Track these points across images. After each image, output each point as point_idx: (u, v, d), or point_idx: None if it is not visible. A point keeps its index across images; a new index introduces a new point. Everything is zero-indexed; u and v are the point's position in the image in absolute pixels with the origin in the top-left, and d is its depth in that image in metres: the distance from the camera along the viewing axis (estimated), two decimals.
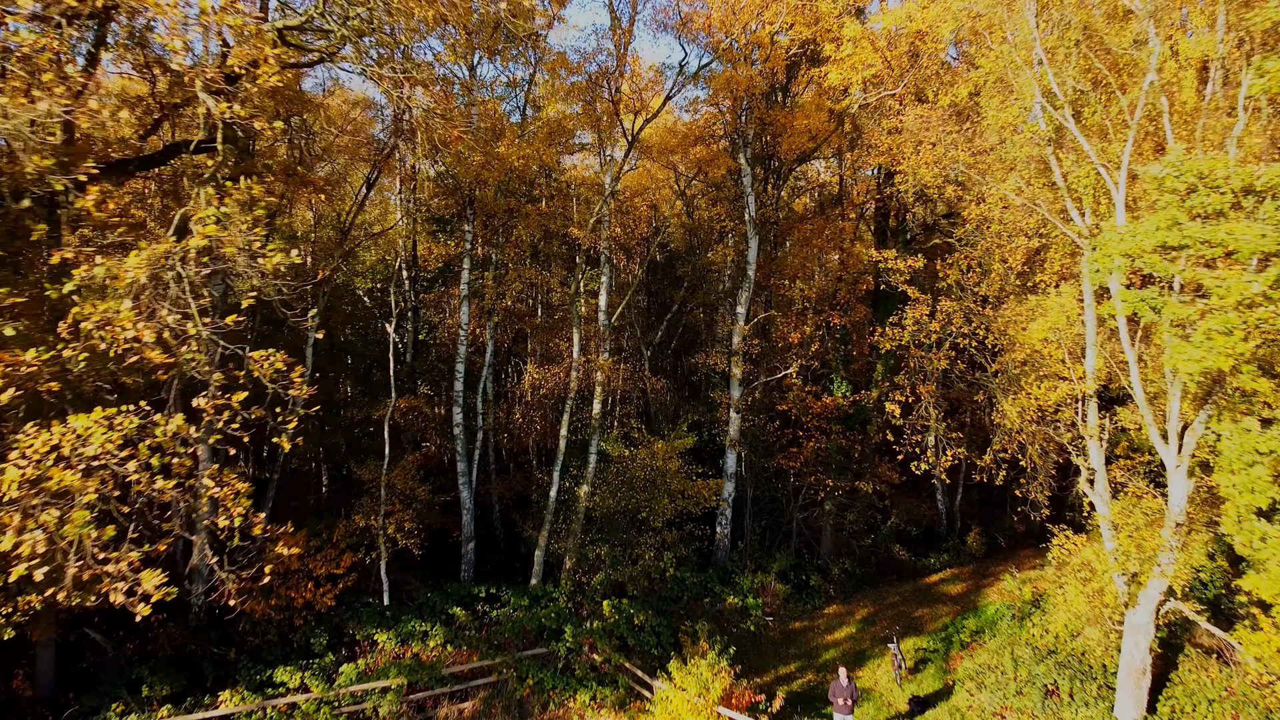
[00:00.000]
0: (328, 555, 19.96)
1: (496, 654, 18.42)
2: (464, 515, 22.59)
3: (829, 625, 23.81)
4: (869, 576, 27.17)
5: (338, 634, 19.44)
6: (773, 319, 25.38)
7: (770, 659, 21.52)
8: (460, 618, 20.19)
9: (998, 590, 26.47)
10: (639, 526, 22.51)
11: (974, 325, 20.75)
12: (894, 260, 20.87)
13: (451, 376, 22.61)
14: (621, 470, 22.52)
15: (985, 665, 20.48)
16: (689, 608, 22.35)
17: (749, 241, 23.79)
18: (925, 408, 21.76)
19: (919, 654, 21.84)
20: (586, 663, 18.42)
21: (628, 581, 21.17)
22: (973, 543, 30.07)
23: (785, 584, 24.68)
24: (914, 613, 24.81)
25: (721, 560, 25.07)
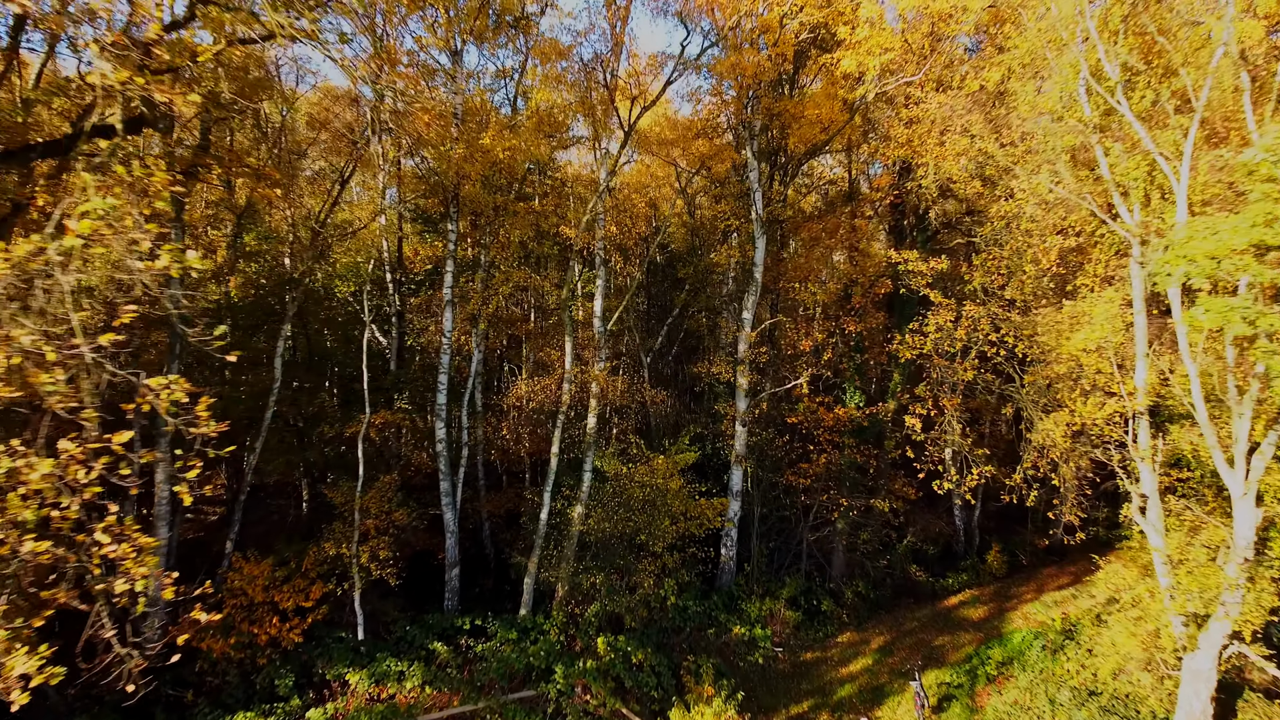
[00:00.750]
0: (296, 586, 18.19)
1: (480, 697, 16.65)
2: (447, 539, 20.83)
3: (843, 656, 22.03)
4: (884, 600, 25.39)
5: (306, 674, 17.66)
6: (781, 325, 23.62)
7: (780, 696, 19.75)
8: (441, 654, 18.41)
9: (1022, 615, 24.69)
10: (637, 551, 20.75)
11: (1003, 333, 18.98)
12: (915, 262, 19.11)
13: (434, 388, 20.84)
14: (618, 490, 20.75)
15: (1017, 705, 18.72)
16: (692, 640, 20.58)
17: (755, 241, 22.03)
18: (948, 422, 19.99)
19: (942, 689, 20.06)
20: (579, 707, 16.65)
21: (625, 612, 19.39)
22: (993, 561, 28.28)
23: (795, 610, 22.91)
24: (934, 640, 23.03)
25: (726, 585, 23.30)
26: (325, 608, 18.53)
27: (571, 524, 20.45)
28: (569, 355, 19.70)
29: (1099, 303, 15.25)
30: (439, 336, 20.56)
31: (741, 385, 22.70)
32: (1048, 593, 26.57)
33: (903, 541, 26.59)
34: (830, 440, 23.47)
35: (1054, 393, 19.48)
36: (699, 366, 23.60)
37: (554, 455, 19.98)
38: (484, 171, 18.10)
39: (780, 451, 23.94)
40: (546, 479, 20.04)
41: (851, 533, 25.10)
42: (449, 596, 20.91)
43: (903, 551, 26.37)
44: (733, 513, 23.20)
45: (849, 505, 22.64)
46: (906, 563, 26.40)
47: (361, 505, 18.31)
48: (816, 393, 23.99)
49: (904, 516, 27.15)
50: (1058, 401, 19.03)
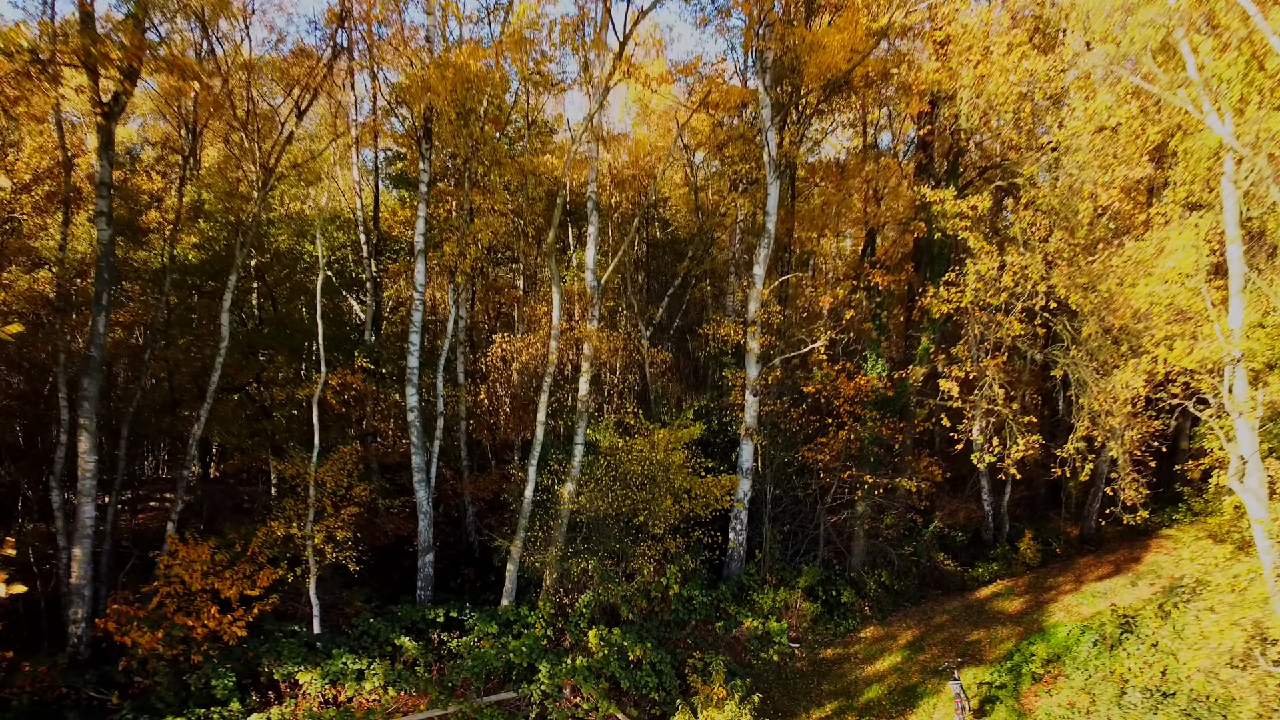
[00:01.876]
0: (241, 571, 15.74)
1: (451, 699, 14.20)
2: (420, 520, 18.37)
3: (867, 653, 19.57)
4: (909, 591, 22.92)
5: (250, 672, 15.22)
6: (796, 283, 21.15)
7: (799, 698, 17.30)
8: (409, 650, 15.96)
9: (1063, 607, 22.22)
10: (635, 534, 18.30)
11: (1053, 282, 16.49)
12: (951, 202, 16.62)
13: (404, 351, 18.38)
14: (614, 465, 18.29)
15: (1073, 707, 16.26)
16: (697, 634, 18.12)
17: (768, 188, 19.55)
18: (989, 385, 17.51)
19: (982, 690, 17.61)
20: (567, 711, 14.19)
21: (621, 603, 16.93)
22: (1026, 550, 25.79)
23: (813, 602, 20.44)
24: (968, 636, 20.57)
25: (735, 574, 20.84)
26: (275, 597, 16.09)
27: (561, 503, 17.99)
28: (556, 309, 17.23)
29: (1184, 229, 12.78)
30: (411, 292, 18.09)
31: (752, 349, 20.22)
32: (1088, 583, 24.11)
33: (929, 527, 24.10)
34: (850, 413, 20.99)
35: (1117, 349, 17.02)
36: (705, 329, 21.07)
37: (540, 423, 17.52)
38: (457, 94, 15.64)
39: (795, 424, 21.46)
40: (531, 450, 17.58)
41: (873, 516, 22.63)
42: (422, 586, 18.45)
43: (929, 538, 23.90)
44: (742, 492, 20.72)
45: (873, 483, 20.15)
46: (933, 550, 23.92)
47: (316, 478, 15.84)
48: (835, 359, 21.53)
49: (929, 500, 24.68)
50: (1125, 355, 16.57)
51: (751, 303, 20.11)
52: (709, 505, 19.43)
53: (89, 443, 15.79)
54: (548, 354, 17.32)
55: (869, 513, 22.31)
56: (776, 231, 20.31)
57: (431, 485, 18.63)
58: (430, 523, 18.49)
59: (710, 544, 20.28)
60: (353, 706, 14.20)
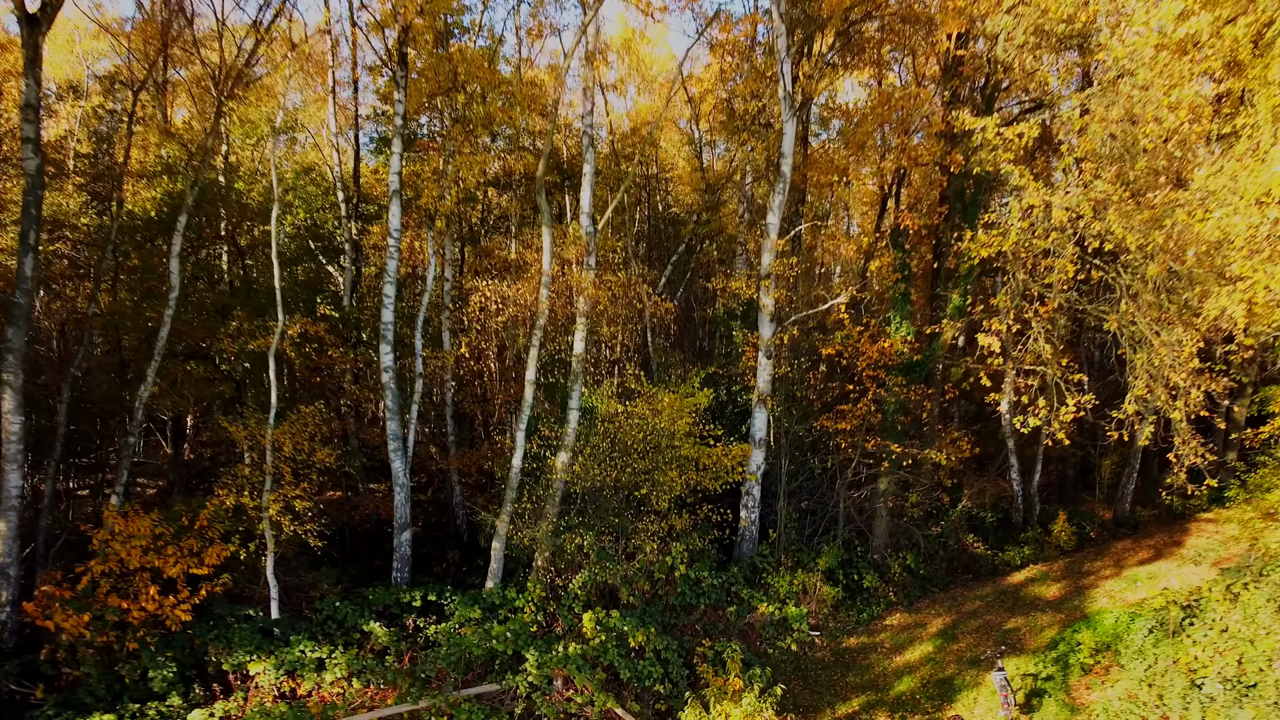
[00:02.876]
0: (187, 547, 13.79)
1: (423, 693, 12.25)
2: (396, 494, 16.42)
3: (895, 642, 17.63)
4: (937, 575, 20.97)
5: (196, 662, 13.29)
6: (814, 235, 19.17)
7: (823, 691, 15.36)
8: (378, 637, 14.02)
9: (1106, 593, 20.25)
10: (636, 508, 16.36)
11: (1110, 221, 14.51)
12: (993, 129, 14.61)
13: (379, 305, 16.43)
14: (612, 431, 16.34)
15: (1135, 700, 14.32)
16: (706, 620, 16.18)
17: (784, 126, 17.57)
18: (1035, 339, 15.54)
19: (1026, 682, 15.68)
20: (558, 706, 12.25)
21: (621, 584, 14.99)
22: (1059, 533, 23.82)
23: (833, 586, 18.50)
24: (1004, 623, 18.62)
25: (748, 555, 18.89)
26: (228, 577, 14.14)
27: (554, 473, 16.04)
28: (547, 253, 15.25)
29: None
30: (386, 239, 16.14)
31: (765, 306, 18.25)
32: (1129, 568, 22.14)
33: (958, 506, 22.13)
34: (873, 378, 19.02)
35: (1177, 299, 15.07)
36: (713, 282, 19.07)
37: (529, 382, 15.57)
38: (439, 5, 13.68)
39: (812, 392, 19.48)
40: (519, 414, 15.63)
41: (897, 494, 20.67)
42: (398, 567, 16.51)
43: (956, 518, 21.93)
44: (755, 465, 18.76)
45: (900, 453, 18.15)
46: (961, 531, 21.96)
47: (273, 441, 13.88)
48: (857, 320, 19.55)
49: (957, 478, 22.73)
50: (1189, 304, 14.63)
51: (765, 254, 18.13)
52: (718, 478, 17.50)
53: (13, 401, 13.84)
54: (538, 303, 15.36)
55: (892, 490, 20.35)
56: (793, 178, 18.32)
57: (409, 456, 16.69)
58: (407, 497, 16.54)
59: (720, 522, 18.32)
60: (309, 701, 12.25)
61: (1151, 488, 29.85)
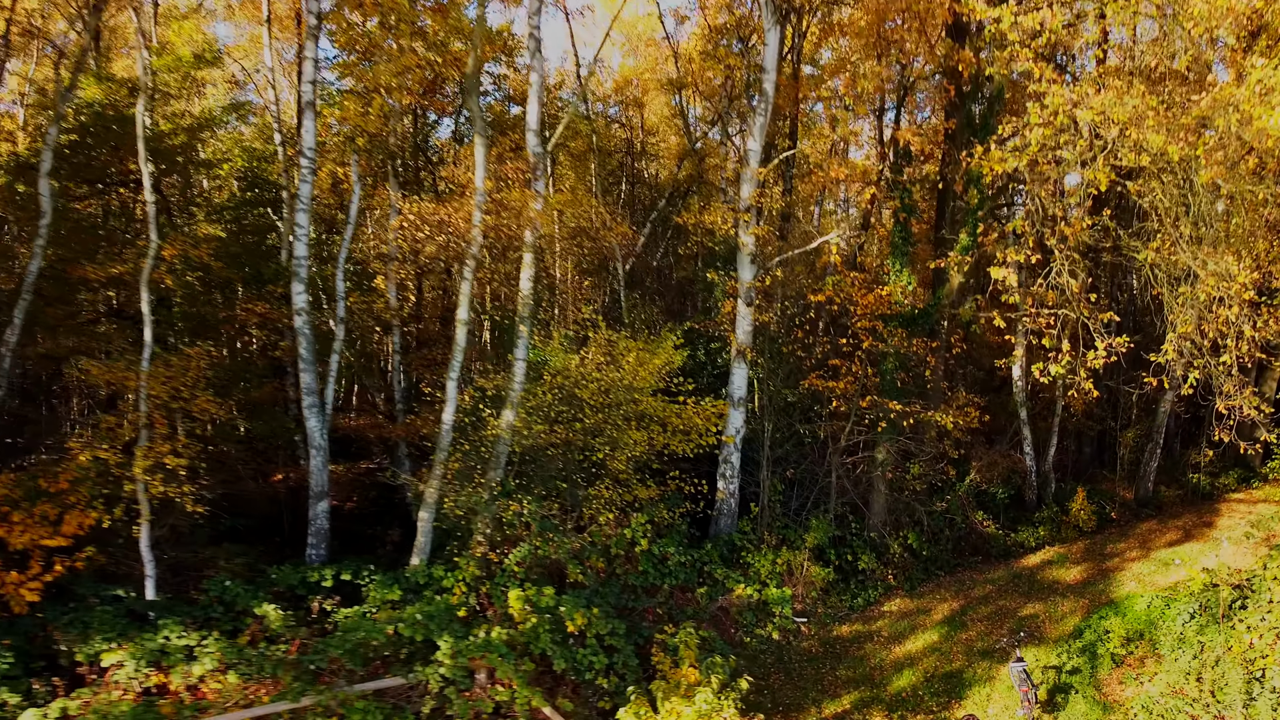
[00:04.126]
0: (41, 514, 11.45)
1: (310, 687, 9.92)
2: (312, 458, 14.09)
3: (894, 630, 15.26)
4: (942, 557, 18.60)
5: (45, 651, 10.97)
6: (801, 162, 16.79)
7: (807, 687, 12.99)
8: (271, 621, 11.68)
9: (1133, 576, 17.88)
10: (590, 474, 14.02)
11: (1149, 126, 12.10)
12: (1009, 19, 12.19)
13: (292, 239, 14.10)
14: (562, 383, 14.00)
15: (1181, 695, 11.97)
16: (672, 603, 13.82)
17: (765, 36, 15.20)
18: (1058, 272, 13.13)
19: (1048, 676, 13.32)
20: (472, 703, 9.91)
21: (568, 560, 12.62)
22: (1078, 511, 21.42)
23: (823, 566, 16.15)
24: (1020, 610, 16.25)
25: (726, 531, 16.54)
26: (93, 550, 11.80)
27: (498, 435, 13.67)
28: (481, 167, 12.87)
29: None
30: (299, 159, 13.77)
31: (745, 245, 15.87)
32: (1157, 550, 19.75)
33: (965, 479, 19.74)
34: (870, 330, 16.63)
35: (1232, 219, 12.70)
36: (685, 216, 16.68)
37: (460, 323, 13.22)
38: None
39: (799, 345, 17.09)
40: (450, 360, 13.29)
41: (897, 465, 18.30)
42: (313, 543, 14.18)
43: (963, 493, 19.53)
44: (734, 428, 16.39)
45: (900, 412, 15.75)
46: (969, 508, 19.57)
47: (143, 386, 11.54)
48: (851, 265, 17.17)
49: (963, 449, 20.33)
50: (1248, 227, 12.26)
51: (744, 185, 15.75)
52: (690, 440, 15.15)
53: None
54: (470, 231, 13.01)
55: (891, 460, 17.97)
56: (776, 99, 15.93)
57: (327, 415, 14.35)
58: (325, 462, 14.20)
59: (694, 494, 15.97)
60: (166, 698, 9.93)
61: (1175, 467, 27.47)
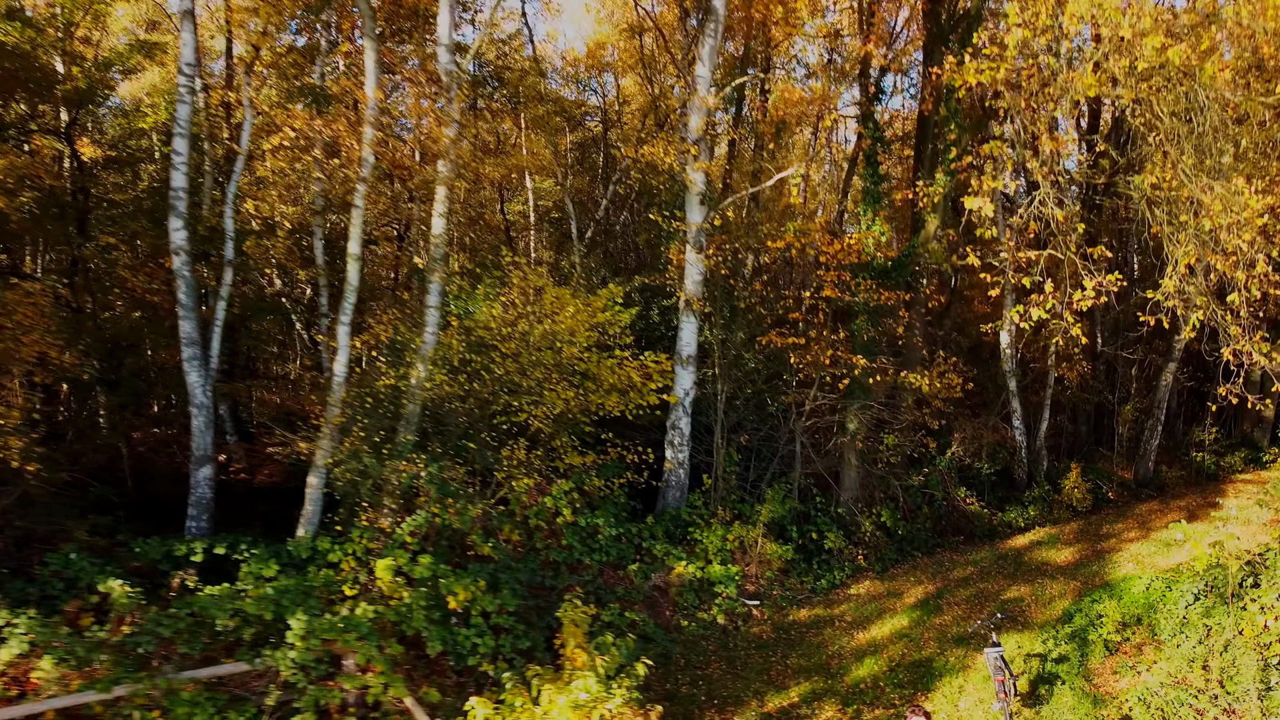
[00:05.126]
0: None
1: (133, 675, 8.21)
2: (194, 418, 12.38)
3: (860, 614, 13.51)
4: (919, 536, 16.87)
5: None
6: (758, 88, 15.04)
7: (750, 677, 11.25)
8: (117, 600, 9.93)
9: (1131, 558, 16.15)
10: (509, 435, 12.30)
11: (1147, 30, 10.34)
12: None
13: (168, 166, 12.37)
14: (474, 331, 12.28)
15: (1184, 685, 10.24)
16: (600, 582, 12.08)
17: None
18: (1041, 202, 11.38)
19: (1031, 665, 11.57)
20: (326, 694, 8.19)
21: (473, 530, 10.88)
22: (1072, 490, 19.69)
23: (782, 544, 14.40)
24: (1003, 592, 14.51)
25: (674, 504, 14.82)
26: None
27: (408, 392, 11.96)
28: (371, 75, 11.15)
29: None
30: (176, 76, 12.06)
31: (693, 183, 14.13)
32: (1158, 531, 18.01)
33: (947, 453, 17.99)
34: (837, 282, 14.88)
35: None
36: (625, 150, 14.93)
37: (351, 257, 11.51)
38: None
39: (756, 298, 15.35)
40: (342, 299, 11.58)
41: (870, 435, 16.55)
42: (194, 514, 12.48)
43: (944, 468, 17.78)
44: (683, 389, 14.64)
45: (867, 369, 14.00)
46: (951, 484, 17.82)
47: None
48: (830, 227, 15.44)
49: (945, 419, 18.59)
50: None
51: (692, 115, 14.01)
52: (629, 400, 13.43)
53: None
54: (359, 148, 11.29)
55: (864, 429, 16.22)
56: (727, 19, 14.19)
57: (210, 368, 12.63)
58: (209, 423, 12.48)
59: (639, 464, 14.24)
60: None
61: (1178, 447, 25.72)
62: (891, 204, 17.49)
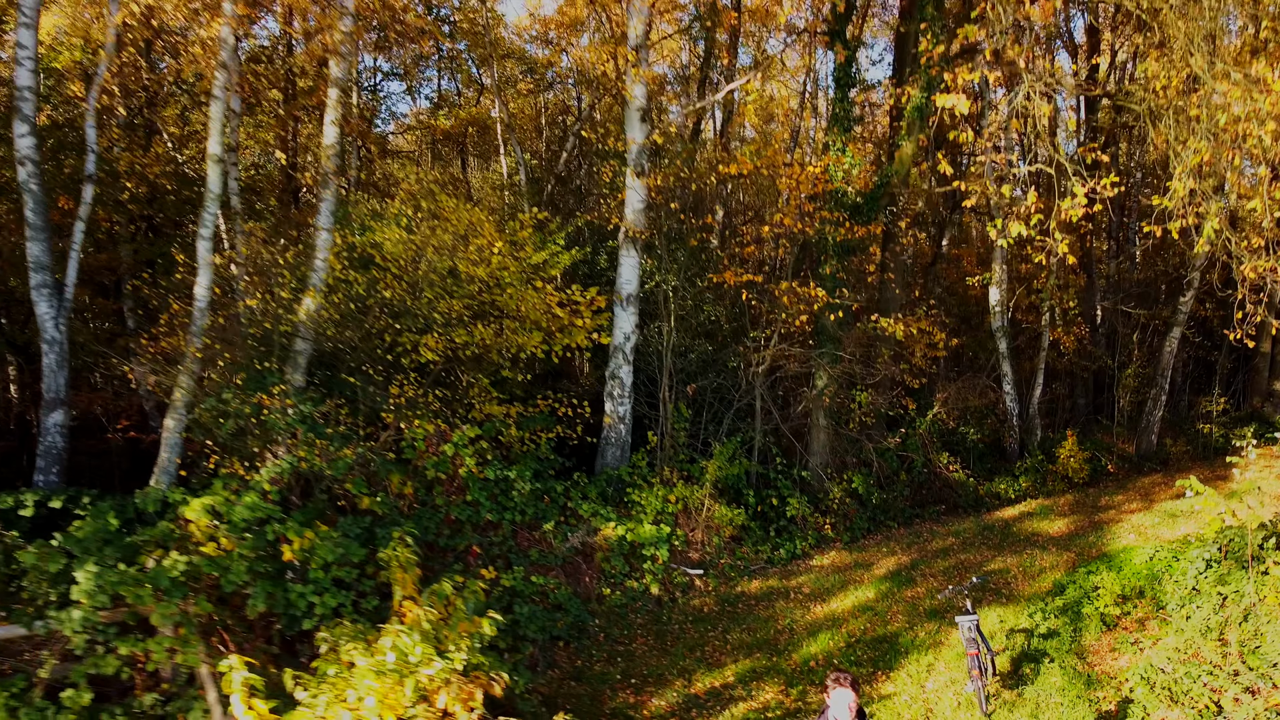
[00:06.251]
0: None
1: None
2: (45, 356, 10.67)
3: (820, 586, 11.76)
4: (895, 505, 15.12)
5: None
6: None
7: (682, 654, 9.49)
8: None
9: (1133, 529, 14.39)
10: (404, 372, 10.58)
11: None
12: None
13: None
14: (370, 258, 10.56)
15: (1196, 659, 8.48)
16: (514, 544, 10.33)
17: None
18: (1025, 93, 9.62)
19: (1014, 641, 9.82)
20: (99, 663, 6.45)
21: (348, 478, 9.14)
22: (1068, 459, 17.92)
23: (735, 508, 12.63)
24: (986, 564, 12.76)
25: (615, 464, 13.07)
26: None
27: (296, 326, 10.22)
28: None
29: None
30: None
31: (634, 96, 12.38)
32: (1162, 502, 16.25)
33: (928, 413, 16.24)
34: (800, 213, 13.11)
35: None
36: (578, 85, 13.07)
37: (212, 158, 9.76)
38: None
39: (706, 233, 13.58)
40: (202, 205, 9.86)
41: (841, 393, 14.80)
42: (43, 466, 10.75)
43: (925, 431, 16.02)
44: (623, 333, 12.88)
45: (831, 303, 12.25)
46: (932, 448, 16.06)
47: None
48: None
49: (926, 378, 16.84)
50: None
51: (632, 18, 12.26)
52: (556, 342, 11.71)
53: None
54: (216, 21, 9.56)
55: (833, 385, 14.45)
56: None
57: (65, 298, 10.89)
58: (63, 360, 10.75)
59: (572, 418, 12.51)
60: None
61: (1182, 421, 23.96)
62: (867, 138, 15.73)
